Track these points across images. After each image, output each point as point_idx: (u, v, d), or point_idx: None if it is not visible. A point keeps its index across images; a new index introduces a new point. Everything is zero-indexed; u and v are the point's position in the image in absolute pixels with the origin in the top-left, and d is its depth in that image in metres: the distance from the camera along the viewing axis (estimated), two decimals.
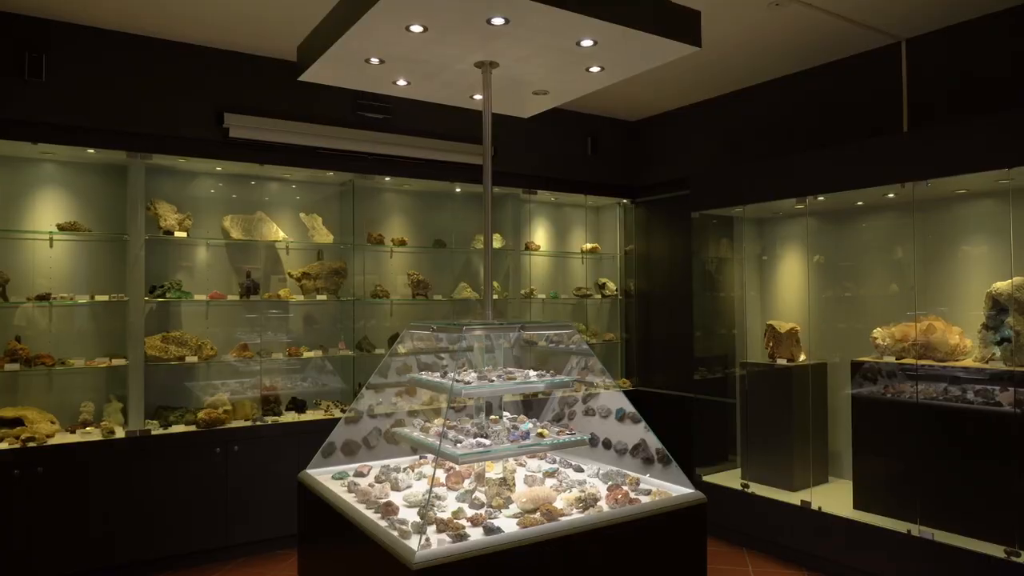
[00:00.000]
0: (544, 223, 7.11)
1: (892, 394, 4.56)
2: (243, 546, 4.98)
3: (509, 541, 2.63)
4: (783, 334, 5.33)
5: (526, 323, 3.17)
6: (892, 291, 5.08)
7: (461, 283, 6.38)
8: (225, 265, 5.50)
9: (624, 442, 3.71)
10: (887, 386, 4.59)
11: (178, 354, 5.03)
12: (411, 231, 6.29)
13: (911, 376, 4.45)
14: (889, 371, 4.60)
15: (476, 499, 3.12)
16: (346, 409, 3.97)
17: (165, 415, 5.02)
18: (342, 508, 3.04)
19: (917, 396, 4.33)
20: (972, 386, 4.22)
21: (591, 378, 3.83)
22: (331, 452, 3.77)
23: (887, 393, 4.59)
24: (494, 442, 3.04)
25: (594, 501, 3.01)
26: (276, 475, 4.98)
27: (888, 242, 5.15)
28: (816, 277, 5.48)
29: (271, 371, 5.60)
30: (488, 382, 3.10)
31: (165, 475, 4.71)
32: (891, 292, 5.09)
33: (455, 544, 2.60)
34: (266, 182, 5.68)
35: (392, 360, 3.93)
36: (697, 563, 3.13)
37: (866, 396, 4.71)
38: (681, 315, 6.58)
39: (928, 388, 4.34)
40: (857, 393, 4.76)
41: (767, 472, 5.27)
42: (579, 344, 3.66)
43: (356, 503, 3.13)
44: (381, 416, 3.97)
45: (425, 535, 2.68)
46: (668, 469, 3.41)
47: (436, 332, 3.26)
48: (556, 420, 4.20)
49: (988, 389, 4.14)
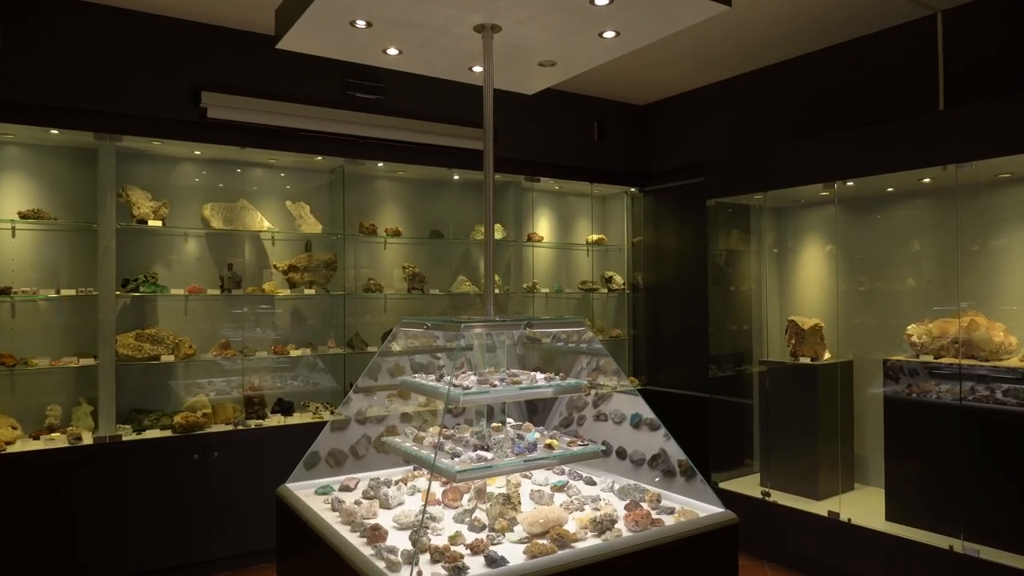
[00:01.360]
0: (547, 213, 6.72)
1: (930, 396, 4.18)
2: (225, 560, 4.61)
3: (516, 575, 2.24)
4: (806, 331, 4.95)
5: (533, 319, 2.79)
6: (926, 285, 4.70)
7: (460, 276, 6.00)
8: (205, 257, 5.11)
9: (641, 452, 3.33)
10: (924, 387, 4.22)
11: (153, 353, 4.64)
12: (406, 221, 5.90)
13: (951, 376, 4.08)
14: (926, 371, 4.22)
15: (476, 520, 2.74)
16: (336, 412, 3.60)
17: (139, 419, 4.64)
18: (323, 532, 2.65)
19: (961, 398, 3.95)
20: (1019, 388, 3.84)
21: (604, 380, 3.44)
22: (314, 463, 3.39)
23: (924, 395, 4.21)
24: (496, 455, 2.66)
25: (611, 523, 2.63)
26: (260, 483, 4.60)
27: (922, 232, 4.76)
28: (841, 270, 5.10)
29: (255, 371, 5.22)
30: (490, 387, 2.71)
31: (139, 485, 4.33)
32: (924, 286, 4.70)
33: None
34: (249, 168, 5.29)
35: (382, 360, 3.54)
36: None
37: (900, 398, 4.33)
38: (693, 310, 6.20)
39: (970, 389, 3.96)
40: (890, 394, 4.38)
41: (789, 479, 4.89)
42: (591, 342, 3.27)
43: (339, 525, 2.75)
44: (371, 422, 3.59)
45: (417, 567, 2.30)
46: (692, 483, 3.03)
47: (430, 330, 2.88)
48: (564, 426, 3.82)
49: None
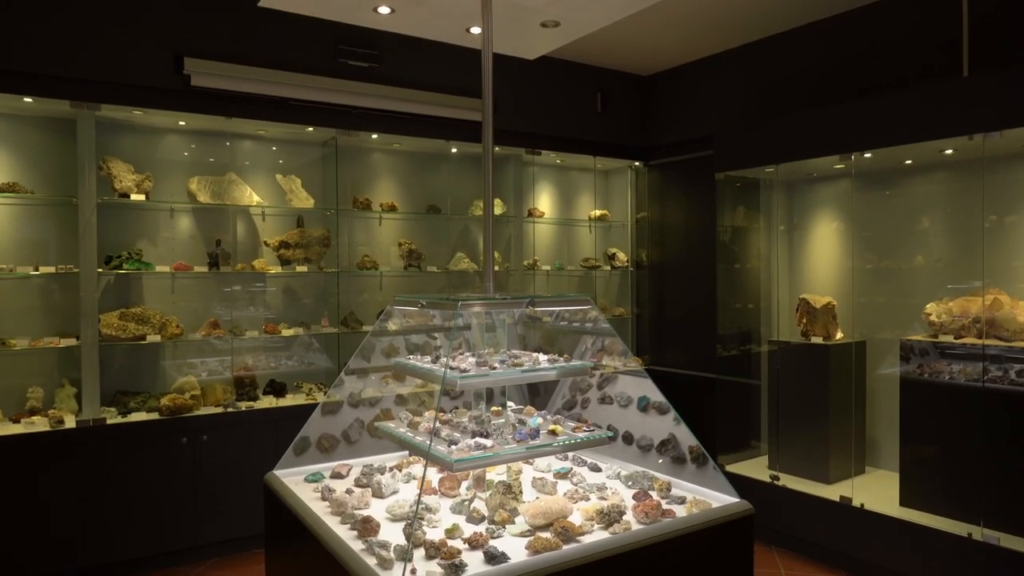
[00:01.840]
0: (549, 188, 6.50)
1: (948, 377, 4.00)
2: (215, 546, 4.46)
3: (517, 573, 2.07)
4: (818, 309, 4.76)
5: (535, 297, 2.59)
6: (944, 262, 4.50)
7: (458, 253, 5.80)
8: (192, 233, 4.90)
9: (649, 437, 3.15)
10: (942, 368, 4.04)
11: (138, 333, 4.45)
12: (402, 195, 5.69)
13: (972, 357, 3.89)
14: (946, 352, 4.04)
15: (475, 511, 2.56)
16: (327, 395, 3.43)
17: (125, 401, 4.46)
18: (311, 524, 2.48)
19: (983, 379, 3.77)
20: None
21: (611, 361, 3.26)
22: (304, 448, 3.21)
23: (942, 376, 4.03)
24: (496, 442, 2.48)
25: (619, 515, 2.45)
26: (251, 467, 4.43)
27: (941, 207, 4.55)
28: (855, 246, 4.90)
29: (246, 351, 5.04)
30: (489, 369, 2.53)
31: (125, 470, 4.16)
32: (943, 264, 4.50)
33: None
34: (238, 140, 5.06)
35: (376, 340, 3.35)
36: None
37: (917, 379, 4.15)
38: (699, 288, 6.01)
39: (993, 371, 3.78)
40: (906, 375, 4.20)
41: (799, 462, 4.74)
42: (597, 321, 3.08)
43: (329, 516, 2.58)
44: (364, 405, 3.41)
45: (411, 564, 2.13)
46: (704, 471, 2.86)
47: (426, 308, 2.68)
48: (567, 408, 3.65)
49: None
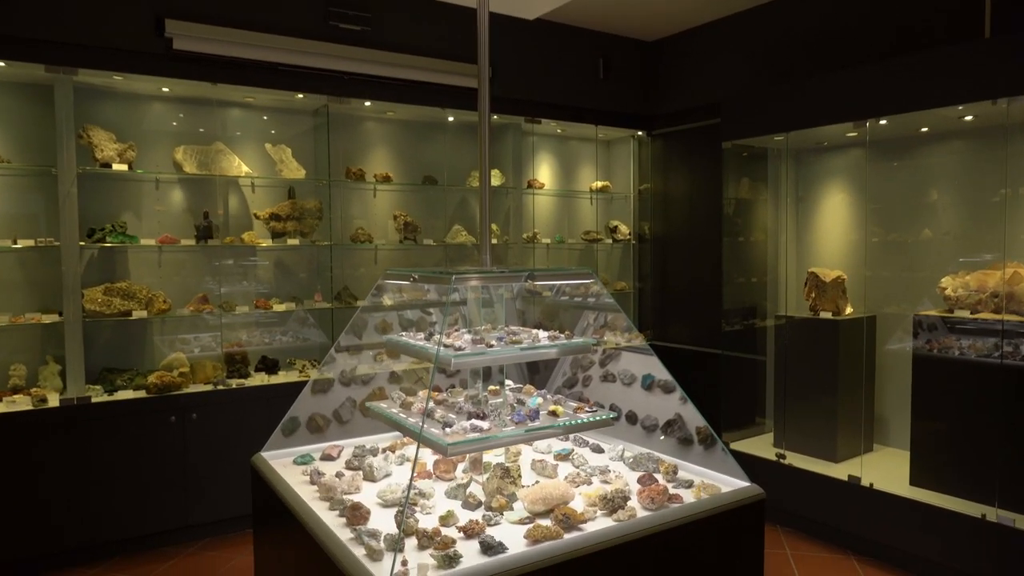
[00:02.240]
0: (549, 158, 6.30)
1: (964, 353, 3.86)
2: (206, 526, 4.36)
3: (515, 565, 1.94)
4: (827, 283, 4.60)
5: (534, 270, 2.43)
6: (960, 235, 4.32)
7: (455, 226, 5.62)
8: (178, 204, 4.72)
9: (654, 417, 3.01)
10: (958, 344, 3.89)
11: (124, 308, 4.30)
12: (397, 166, 5.49)
13: (990, 332, 3.74)
14: (961, 327, 3.89)
15: (471, 496, 2.43)
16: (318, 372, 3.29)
17: (111, 379, 4.32)
18: (297, 511, 2.35)
19: (1001, 356, 3.62)
20: None
21: (615, 337, 3.11)
22: (293, 429, 3.08)
23: (957, 351, 3.89)
24: (493, 424, 2.33)
25: (623, 500, 2.32)
26: (242, 446, 4.27)
27: (958, 177, 4.37)
28: (867, 218, 4.72)
29: (237, 327, 4.89)
30: (486, 347, 2.37)
31: (112, 449, 4.04)
32: (958, 236, 4.33)
33: (441, 572, 1.91)
34: (225, 108, 4.86)
35: (368, 316, 3.20)
36: (753, 572, 2.47)
37: (931, 355, 4.00)
38: (703, 262, 5.85)
39: (1011, 347, 3.63)
40: (919, 351, 4.05)
41: (805, 440, 4.61)
42: (600, 296, 2.93)
43: (317, 501, 2.44)
44: (356, 384, 3.27)
45: (402, 555, 2.00)
46: (712, 452, 2.72)
47: (418, 282, 2.52)
48: (568, 387, 3.50)
49: None
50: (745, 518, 2.41)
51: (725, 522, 2.35)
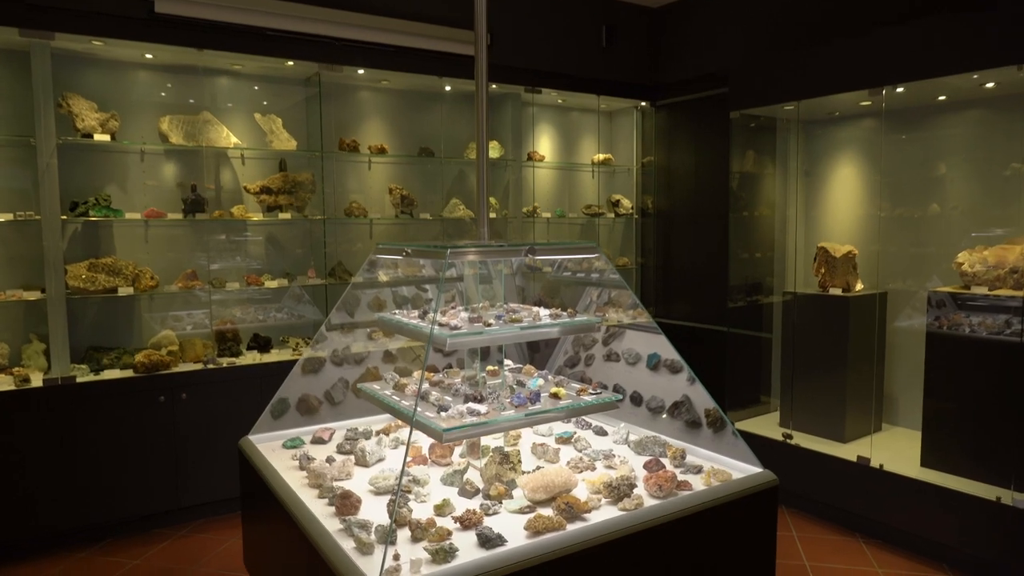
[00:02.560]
0: (549, 130, 6.10)
1: (980, 331, 3.72)
2: (197, 508, 4.25)
3: (515, 560, 1.81)
4: (838, 259, 4.44)
5: (535, 244, 2.27)
6: (977, 209, 4.16)
7: (453, 200, 5.45)
8: (165, 177, 4.54)
9: (660, 398, 2.88)
10: (974, 322, 3.75)
11: (109, 285, 4.15)
12: (392, 137, 5.30)
13: (1009, 310, 3.60)
14: (978, 304, 3.74)
15: (468, 483, 2.30)
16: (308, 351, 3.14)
17: (98, 358, 4.18)
18: (285, 500, 2.22)
19: (1021, 335, 3.48)
20: None
21: (619, 315, 2.96)
22: (283, 411, 2.95)
23: (973, 330, 3.75)
24: (491, 407, 2.20)
25: (629, 487, 2.19)
26: (234, 426, 4.15)
27: (975, 148, 4.19)
28: (878, 192, 4.56)
29: (227, 304, 4.74)
30: (484, 326, 2.23)
31: (98, 430, 3.91)
32: (974, 210, 4.17)
33: (436, 567, 1.78)
34: (213, 76, 4.66)
35: (360, 293, 3.05)
36: (764, 561, 2.35)
37: (945, 333, 3.86)
38: (708, 237, 5.69)
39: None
40: (933, 329, 3.91)
41: (813, 420, 4.49)
42: (604, 272, 2.77)
43: (306, 489, 2.31)
44: (349, 363, 3.13)
45: (394, 548, 1.87)
46: (722, 436, 2.59)
47: (411, 256, 2.37)
48: (569, 366, 3.37)
49: None
50: (757, 506, 2.29)
51: (737, 510, 2.22)
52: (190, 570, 3.64)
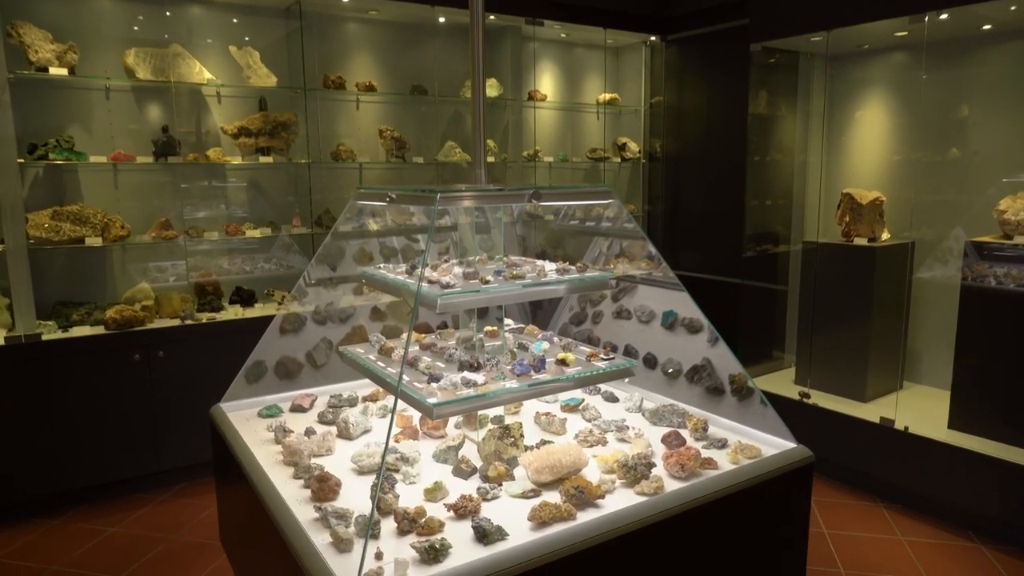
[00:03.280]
0: (552, 67, 5.68)
1: (1021, 285, 3.42)
2: (178, 472, 4.02)
3: (517, 561, 1.54)
4: (864, 206, 4.11)
5: (540, 188, 1.95)
6: (1019, 152, 3.81)
7: (449, 143, 5.07)
8: (132, 116, 4.16)
9: (677, 361, 2.60)
10: (1016, 274, 3.44)
11: (76, 234, 3.82)
12: (381, 74, 4.90)
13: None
14: (1020, 256, 3.43)
15: (464, 461, 2.03)
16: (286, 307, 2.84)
17: (66, 313, 3.89)
18: (255, 482, 1.95)
19: None
20: None
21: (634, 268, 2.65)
22: (259, 375, 2.66)
23: (1015, 283, 3.44)
24: (490, 376, 1.91)
25: (647, 467, 1.92)
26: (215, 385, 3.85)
27: (1020, 86, 3.81)
28: (909, 134, 4.19)
29: (207, 255, 4.42)
30: (481, 283, 1.92)
31: (69, 391, 3.64)
32: (1017, 154, 3.81)
33: (425, 569, 1.52)
34: (183, 5, 4.23)
35: (342, 244, 2.74)
36: (796, 545, 2.10)
37: (981, 287, 3.56)
38: (721, 182, 5.33)
39: None
40: (969, 282, 3.61)
41: (831, 377, 4.23)
42: (619, 219, 2.45)
43: (280, 467, 2.04)
44: (332, 321, 2.84)
45: (376, 544, 1.60)
46: (748, 405, 2.32)
47: (395, 201, 2.04)
48: (575, 323, 3.08)
49: None
50: (791, 485, 2.02)
51: (768, 491, 1.96)
52: (170, 538, 3.42)
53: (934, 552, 3.26)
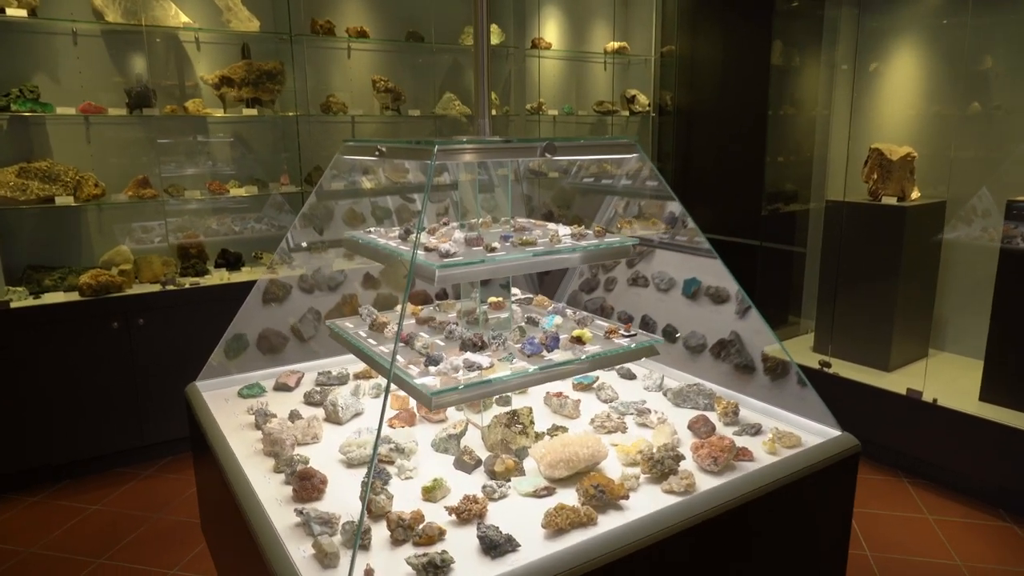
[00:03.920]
0: (556, 13, 5.31)
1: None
2: (163, 445, 3.80)
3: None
4: (894, 162, 3.82)
5: (554, 140, 1.67)
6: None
7: (447, 94, 4.74)
8: (103, 64, 3.84)
9: (700, 334, 2.35)
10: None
11: (45, 193, 3.54)
12: (374, 19, 4.54)
13: None
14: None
15: (467, 452, 1.79)
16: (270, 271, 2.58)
17: (38, 279, 3.63)
18: (230, 478, 1.71)
19: None
20: None
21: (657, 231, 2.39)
22: (240, 349, 2.42)
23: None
24: (495, 356, 1.67)
25: (675, 459, 1.69)
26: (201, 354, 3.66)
27: None
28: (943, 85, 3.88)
29: (190, 215, 4.14)
30: (485, 251, 1.66)
31: (41, 361, 3.40)
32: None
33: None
34: None
35: (330, 204, 2.47)
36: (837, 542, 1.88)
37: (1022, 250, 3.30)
38: (737, 137, 5.02)
39: None
40: (1009, 244, 3.35)
41: (853, 345, 4.00)
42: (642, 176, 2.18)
43: (260, 459, 1.81)
44: (321, 289, 2.58)
45: (366, 558, 1.38)
46: (783, 385, 2.08)
47: (386, 156, 1.76)
48: (586, 291, 2.82)
49: None
50: (835, 478, 1.79)
51: (811, 486, 1.73)
52: (154, 517, 3.22)
53: (963, 532, 3.07)
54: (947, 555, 2.89)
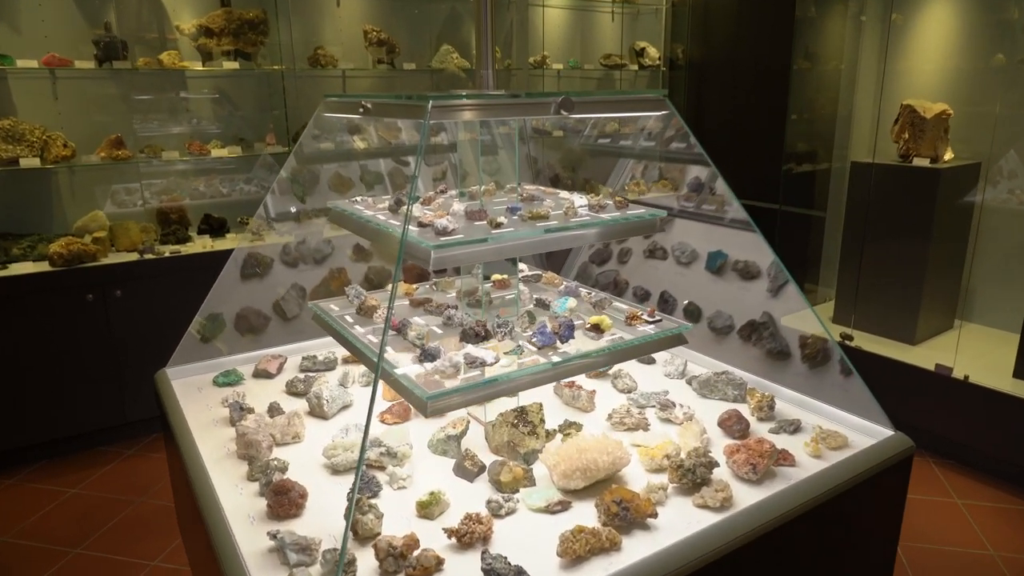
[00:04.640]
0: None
1: None
2: (148, 423, 3.59)
3: None
4: (928, 120, 3.53)
5: (570, 94, 1.40)
6: None
7: (444, 46, 4.42)
8: (68, 12, 3.52)
9: (727, 315, 2.11)
10: None
11: (9, 154, 3.26)
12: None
13: None
14: None
15: (468, 458, 1.57)
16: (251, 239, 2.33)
17: (5, 247, 3.38)
18: (196, 488, 1.49)
19: None
20: None
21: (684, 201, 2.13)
22: (216, 331, 2.18)
23: None
24: (501, 347, 1.43)
25: (707, 465, 1.46)
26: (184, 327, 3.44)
27: None
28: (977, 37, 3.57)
29: (174, 177, 3.87)
30: (490, 227, 1.41)
31: (13, 337, 3.17)
32: None
33: None
34: None
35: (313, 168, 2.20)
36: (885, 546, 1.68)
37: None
38: (755, 94, 4.71)
39: None
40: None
41: (876, 316, 3.77)
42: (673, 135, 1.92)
43: (233, 464, 1.59)
44: (305, 263, 2.34)
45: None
46: (823, 374, 1.85)
47: (372, 114, 1.50)
48: (598, 263, 2.58)
49: None
50: (886, 482, 1.58)
51: (863, 495, 1.51)
52: (136, 501, 3.04)
53: (995, 517, 2.88)
54: (979, 543, 2.71)
